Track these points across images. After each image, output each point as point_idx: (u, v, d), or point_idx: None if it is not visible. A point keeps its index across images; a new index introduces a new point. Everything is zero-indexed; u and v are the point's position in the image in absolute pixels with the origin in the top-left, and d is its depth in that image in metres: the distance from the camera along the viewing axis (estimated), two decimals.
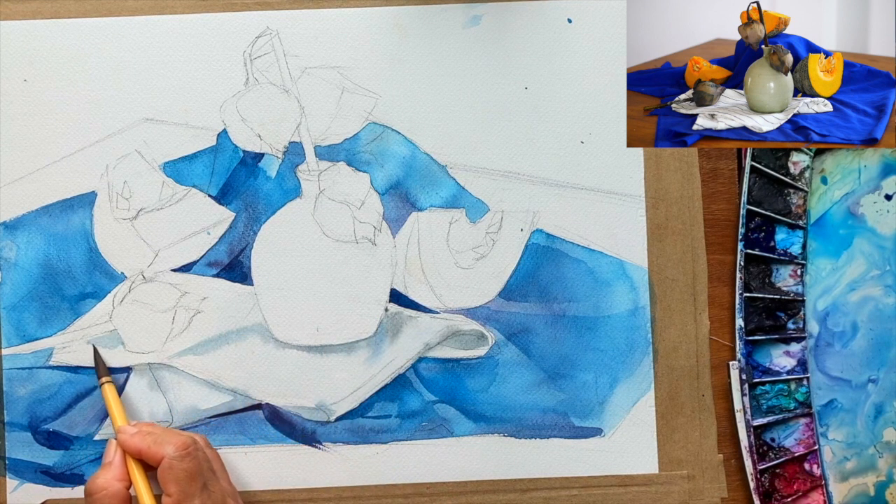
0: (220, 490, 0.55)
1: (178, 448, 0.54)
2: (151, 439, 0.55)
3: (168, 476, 0.53)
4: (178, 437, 0.55)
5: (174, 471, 0.53)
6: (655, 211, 0.61)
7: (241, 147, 0.61)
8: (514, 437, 0.61)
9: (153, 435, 0.55)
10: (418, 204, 0.61)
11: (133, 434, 0.56)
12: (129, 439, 0.55)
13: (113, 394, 0.59)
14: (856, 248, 0.63)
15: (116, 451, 0.56)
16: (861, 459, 0.62)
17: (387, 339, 0.61)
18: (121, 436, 0.56)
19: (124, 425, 0.57)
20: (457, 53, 0.61)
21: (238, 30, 0.61)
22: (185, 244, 0.61)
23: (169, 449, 0.54)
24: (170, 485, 0.53)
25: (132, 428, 0.56)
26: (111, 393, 0.59)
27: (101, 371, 0.59)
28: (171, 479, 0.53)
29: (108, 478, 0.54)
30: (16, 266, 0.60)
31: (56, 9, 0.61)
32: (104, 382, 0.59)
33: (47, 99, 0.60)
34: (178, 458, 0.54)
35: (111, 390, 0.59)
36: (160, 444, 0.54)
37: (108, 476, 0.55)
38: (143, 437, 0.55)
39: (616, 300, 0.61)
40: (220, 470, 0.57)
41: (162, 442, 0.54)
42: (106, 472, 0.55)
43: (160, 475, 0.54)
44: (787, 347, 0.62)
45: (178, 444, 0.54)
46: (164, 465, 0.53)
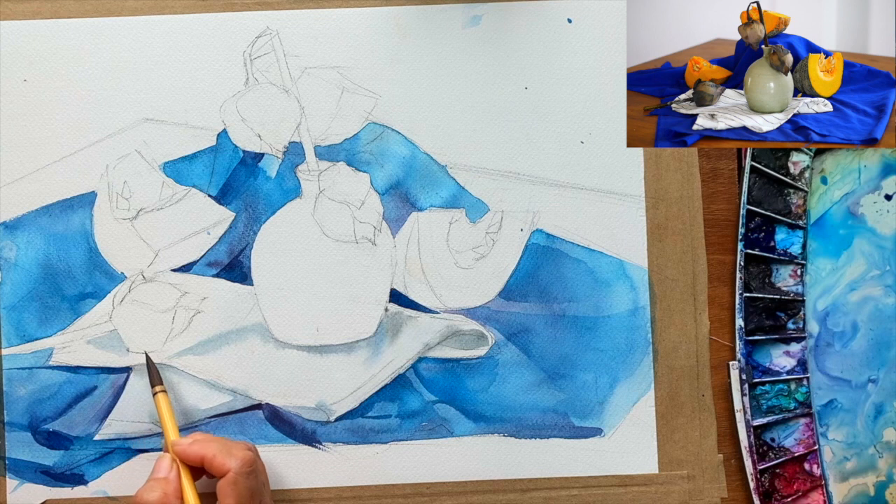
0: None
1: (244, 464, 0.53)
2: (216, 448, 0.53)
3: (231, 491, 0.52)
4: (243, 451, 0.54)
5: (238, 487, 0.52)
6: (655, 211, 0.61)
7: (241, 147, 0.61)
8: (514, 437, 0.61)
9: (217, 443, 0.54)
10: (418, 204, 0.61)
11: (191, 444, 0.54)
12: (189, 448, 0.54)
13: (167, 404, 0.57)
14: (856, 248, 0.63)
15: (173, 468, 0.54)
16: (861, 459, 0.62)
17: (387, 339, 0.61)
18: (177, 447, 0.54)
19: (177, 438, 0.56)
20: (457, 53, 0.61)
21: (238, 30, 0.61)
22: (185, 244, 0.61)
23: (235, 463, 0.53)
24: (230, 499, 0.52)
25: (186, 439, 0.55)
26: (165, 403, 0.57)
27: (155, 379, 0.58)
28: (234, 495, 0.52)
29: (168, 492, 0.52)
30: (16, 266, 0.60)
31: (56, 9, 0.61)
32: (158, 392, 0.58)
33: (47, 99, 0.60)
34: (244, 474, 0.53)
35: (165, 400, 0.57)
36: (227, 456, 0.53)
37: (168, 490, 0.53)
38: (206, 445, 0.54)
39: (616, 300, 0.61)
40: (267, 484, 0.57)
41: (228, 453, 0.53)
42: (163, 486, 0.53)
43: (222, 488, 0.52)
44: (787, 347, 0.62)
45: (245, 460, 0.53)
46: (229, 478, 0.52)
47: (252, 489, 0.53)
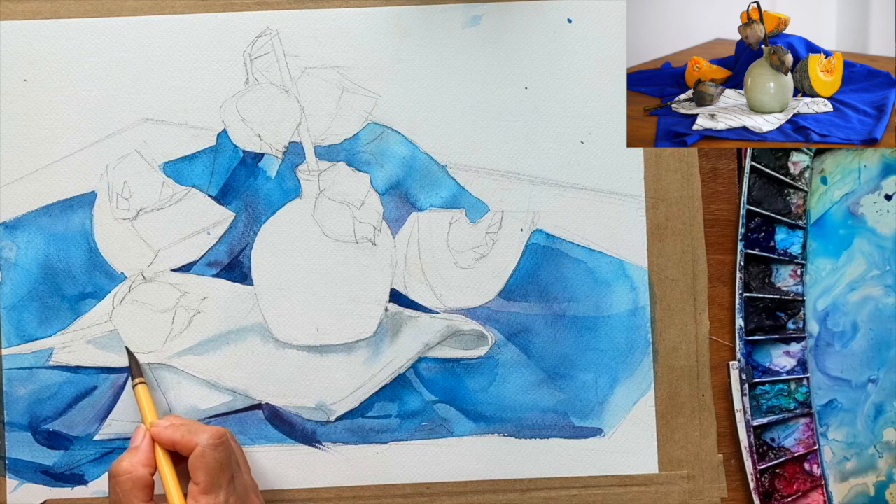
0: (243, 484, 0.55)
1: (211, 437, 0.54)
2: (185, 429, 0.55)
3: (199, 464, 0.53)
4: (211, 428, 0.55)
5: (206, 459, 0.53)
6: (655, 211, 0.61)
7: (241, 147, 0.61)
8: (514, 437, 0.61)
9: (186, 425, 0.55)
10: (418, 204, 0.61)
11: (166, 426, 0.55)
12: (163, 431, 0.55)
13: (146, 394, 0.58)
14: (856, 248, 0.63)
15: (145, 437, 0.56)
16: (861, 459, 0.62)
17: (387, 339, 0.61)
18: (154, 429, 0.56)
19: (156, 419, 0.57)
20: (457, 53, 0.61)
21: (238, 30, 0.61)
22: (185, 244, 0.61)
23: (203, 437, 0.54)
24: (199, 473, 0.53)
25: (164, 421, 0.56)
26: (144, 393, 0.58)
27: (136, 372, 0.59)
28: (202, 468, 0.53)
29: (134, 462, 0.54)
30: (16, 266, 0.60)
31: (56, 9, 0.61)
32: (138, 384, 0.59)
33: (47, 99, 0.60)
34: (210, 446, 0.53)
35: (144, 391, 0.59)
36: (193, 433, 0.54)
37: (134, 460, 0.54)
38: (176, 428, 0.55)
39: (616, 300, 0.61)
40: (244, 464, 0.57)
41: (196, 431, 0.54)
42: (132, 456, 0.55)
43: (192, 463, 0.53)
44: (787, 347, 0.62)
45: (212, 434, 0.54)
46: (197, 452, 0.53)
47: (221, 462, 0.53)
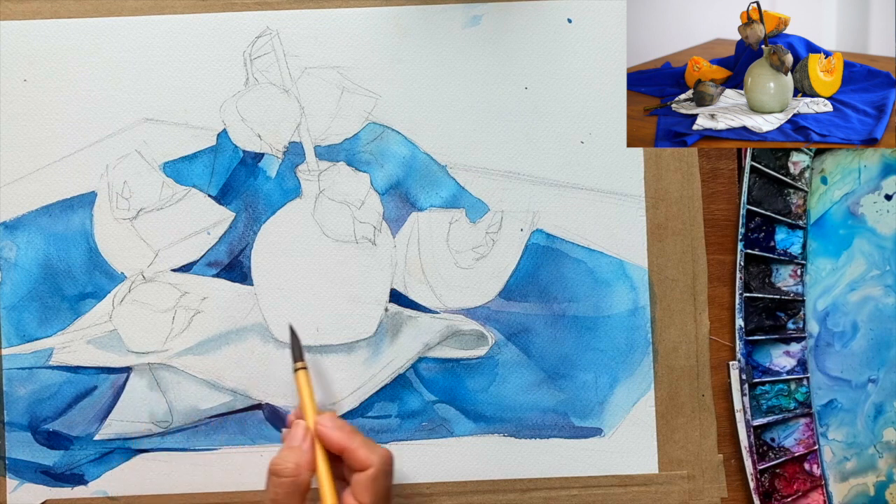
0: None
1: (385, 461, 0.51)
2: (360, 441, 0.52)
3: (370, 487, 0.50)
4: (383, 449, 0.52)
5: (378, 483, 0.51)
6: (655, 211, 0.61)
7: (241, 147, 0.61)
8: (514, 437, 0.61)
9: (361, 436, 0.52)
10: (418, 204, 0.61)
11: (334, 430, 0.52)
12: (331, 433, 0.52)
13: (307, 381, 0.55)
14: (856, 248, 0.63)
15: (307, 437, 0.52)
16: (861, 459, 0.62)
17: (387, 339, 0.61)
18: (321, 428, 0.52)
19: (321, 416, 0.53)
20: (457, 53, 0.61)
21: (238, 30, 0.61)
22: (185, 244, 0.61)
23: (377, 459, 0.51)
24: (367, 495, 0.50)
25: (328, 420, 0.53)
26: (305, 380, 0.55)
27: (297, 355, 0.56)
28: (372, 490, 0.50)
29: (301, 463, 0.51)
30: (16, 266, 0.60)
31: (56, 9, 0.61)
32: (299, 368, 0.55)
33: (47, 99, 0.60)
34: (384, 472, 0.51)
35: (305, 377, 0.55)
36: (369, 449, 0.51)
37: (301, 461, 0.51)
38: (351, 435, 0.52)
39: (616, 300, 0.61)
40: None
41: (371, 447, 0.51)
42: (297, 456, 0.51)
43: (361, 482, 0.51)
44: (787, 347, 0.62)
45: (386, 458, 0.51)
46: (370, 474, 0.51)
47: (388, 489, 0.51)
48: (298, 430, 0.53)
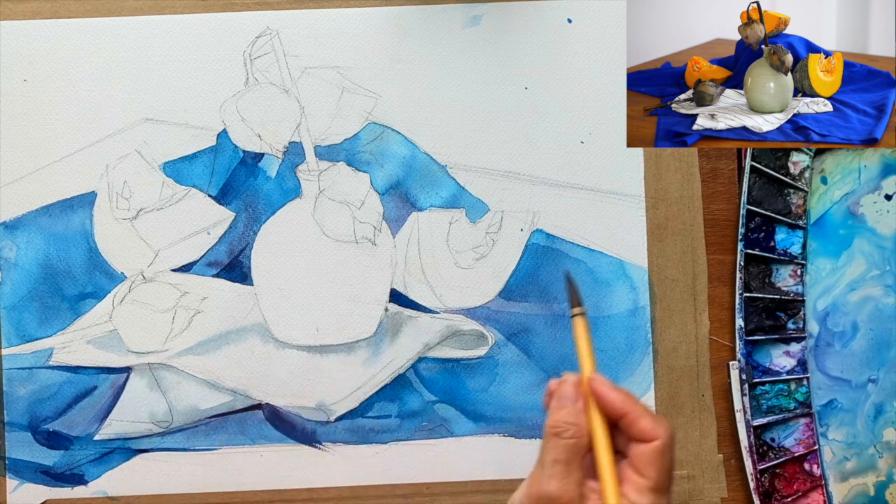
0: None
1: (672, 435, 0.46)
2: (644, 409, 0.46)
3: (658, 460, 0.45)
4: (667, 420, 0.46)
5: (665, 458, 0.45)
6: (655, 211, 0.61)
7: (241, 147, 0.61)
8: (514, 437, 0.61)
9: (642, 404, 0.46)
10: (418, 204, 0.61)
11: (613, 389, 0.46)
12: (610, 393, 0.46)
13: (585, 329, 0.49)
14: (856, 248, 0.63)
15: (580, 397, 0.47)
16: (861, 459, 0.62)
17: (387, 339, 0.61)
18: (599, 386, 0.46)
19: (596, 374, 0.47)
20: (457, 53, 0.61)
21: (238, 30, 0.61)
22: (185, 244, 0.61)
23: (663, 431, 0.45)
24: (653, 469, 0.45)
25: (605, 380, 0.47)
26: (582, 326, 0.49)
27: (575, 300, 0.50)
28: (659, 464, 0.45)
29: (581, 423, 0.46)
30: (16, 266, 0.60)
31: (56, 9, 0.61)
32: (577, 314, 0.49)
33: (47, 99, 0.60)
34: (671, 446, 0.45)
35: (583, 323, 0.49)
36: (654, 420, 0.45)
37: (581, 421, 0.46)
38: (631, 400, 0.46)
39: (616, 300, 0.61)
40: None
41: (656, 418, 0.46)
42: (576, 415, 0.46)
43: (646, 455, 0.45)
44: (787, 347, 0.62)
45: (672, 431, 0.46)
46: (658, 446, 0.45)
47: (673, 464, 0.46)
48: (569, 387, 0.47)
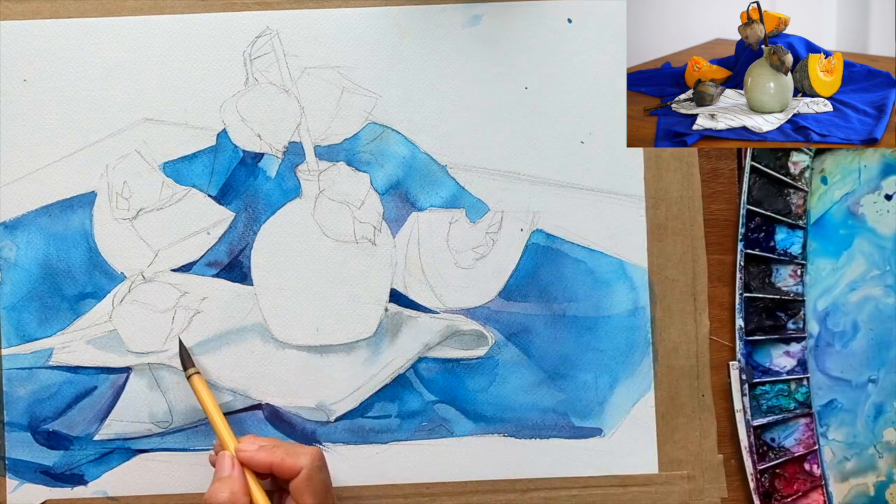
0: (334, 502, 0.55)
1: (314, 458, 0.53)
2: (283, 452, 0.54)
3: (307, 488, 0.52)
4: (309, 448, 0.54)
5: (313, 482, 0.53)
6: (655, 211, 0.61)
7: (240, 147, 0.61)
8: (514, 437, 0.61)
9: (282, 447, 0.54)
10: (418, 204, 0.61)
11: (257, 450, 0.54)
12: (255, 455, 0.54)
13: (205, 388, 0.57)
14: (856, 248, 0.63)
15: (235, 466, 0.54)
16: (861, 459, 0.62)
17: (387, 339, 0.61)
18: (243, 454, 0.54)
19: (241, 443, 0.55)
20: (457, 53, 0.61)
21: (238, 30, 0.61)
22: (184, 244, 0.61)
23: (305, 460, 0.53)
24: (307, 496, 0.52)
25: (251, 444, 0.55)
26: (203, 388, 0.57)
27: (187, 362, 0.58)
28: (311, 491, 0.52)
29: (235, 490, 0.52)
30: (16, 266, 0.60)
31: (56, 9, 0.61)
32: (192, 374, 0.57)
33: (47, 99, 0.60)
34: (316, 469, 0.53)
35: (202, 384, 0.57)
36: (295, 456, 0.53)
37: (234, 489, 0.53)
38: (272, 451, 0.54)
39: (616, 300, 0.61)
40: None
41: (295, 453, 0.53)
42: (230, 485, 0.53)
43: (297, 487, 0.53)
44: (787, 347, 0.62)
45: (314, 455, 0.53)
46: (304, 476, 0.53)
47: (325, 483, 0.53)
48: (225, 460, 0.54)
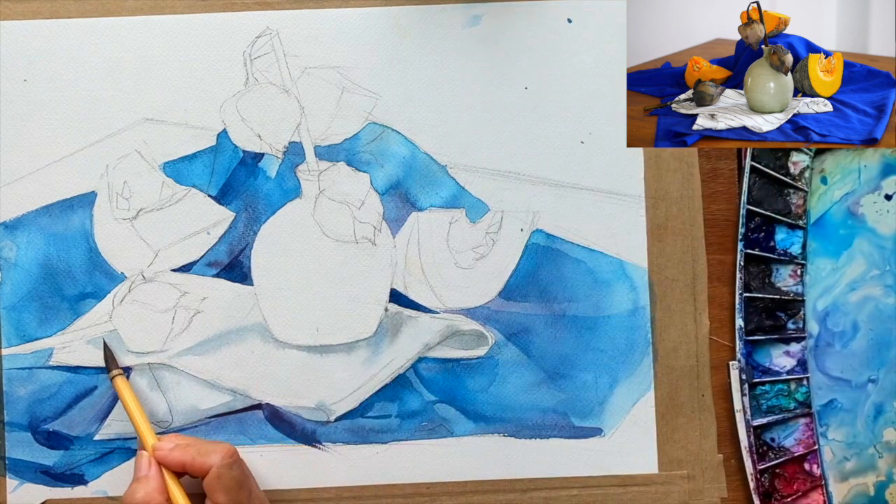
0: (258, 498, 0.55)
1: (224, 456, 0.54)
2: (194, 451, 0.54)
3: (217, 485, 0.53)
4: (221, 446, 0.55)
5: (223, 480, 0.53)
6: (655, 211, 0.61)
7: (241, 147, 0.61)
8: (514, 437, 0.61)
9: (194, 446, 0.55)
10: (418, 204, 0.61)
11: (172, 448, 0.55)
12: (170, 454, 0.55)
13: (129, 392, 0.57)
14: (856, 248, 0.63)
15: (152, 465, 0.55)
16: (861, 459, 0.62)
17: (387, 339, 0.61)
18: (158, 452, 0.55)
19: (158, 442, 0.56)
20: (457, 53, 0.61)
21: (238, 30, 0.61)
22: (185, 244, 0.61)
23: (216, 458, 0.53)
24: (219, 494, 0.53)
25: (167, 443, 0.55)
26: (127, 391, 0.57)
27: (111, 364, 0.59)
28: (221, 489, 0.53)
29: (150, 491, 0.53)
30: (16, 266, 0.60)
31: (56, 9, 0.61)
32: (116, 375, 0.58)
33: (47, 99, 0.60)
34: (226, 466, 0.53)
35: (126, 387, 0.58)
36: (205, 455, 0.54)
37: (149, 489, 0.54)
38: (185, 449, 0.54)
39: (616, 300, 0.61)
40: (252, 477, 0.57)
41: (207, 452, 0.54)
42: (145, 486, 0.54)
43: (209, 485, 0.53)
44: (787, 347, 0.62)
45: (225, 453, 0.54)
46: (213, 474, 0.53)
47: (238, 480, 0.54)
48: (142, 460, 0.55)
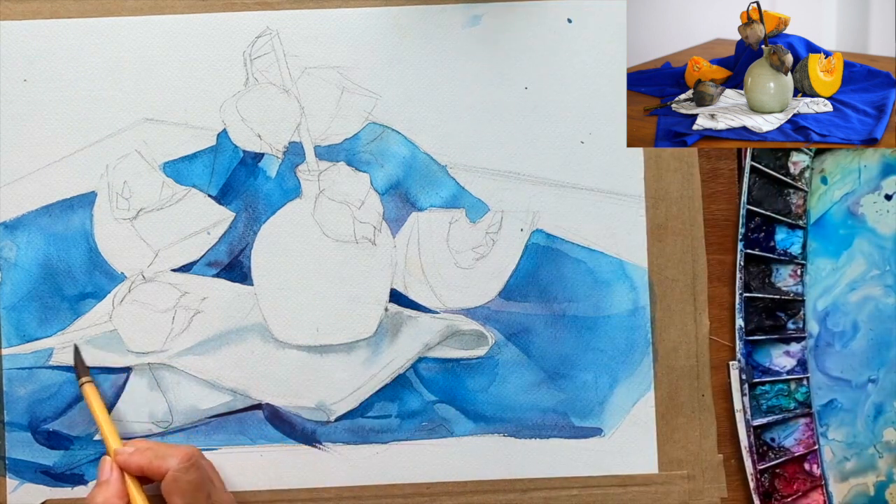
0: (220, 500, 0.55)
1: (181, 460, 0.54)
2: (152, 454, 0.54)
3: (174, 489, 0.53)
4: (179, 450, 0.55)
5: (179, 483, 0.53)
6: (655, 211, 0.61)
7: (241, 147, 0.61)
8: (514, 437, 0.61)
9: (152, 450, 0.55)
10: (418, 204, 0.61)
11: (132, 453, 0.55)
12: (129, 458, 0.55)
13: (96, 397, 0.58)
14: (856, 248, 0.63)
15: (113, 469, 0.55)
16: (861, 459, 0.62)
17: (387, 339, 0.61)
18: (119, 457, 0.55)
19: (120, 447, 0.56)
20: (457, 53, 0.61)
21: (238, 30, 0.61)
22: (185, 244, 0.61)
23: (172, 462, 0.54)
24: (175, 497, 0.53)
25: (129, 448, 0.56)
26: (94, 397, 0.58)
27: (81, 371, 0.59)
28: (177, 492, 0.53)
29: (108, 496, 0.54)
30: (16, 266, 0.60)
31: (55, 9, 0.61)
32: (85, 383, 0.58)
33: (47, 99, 0.60)
34: (182, 469, 0.53)
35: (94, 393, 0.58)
36: (162, 458, 0.54)
37: (108, 494, 0.54)
38: (143, 453, 0.55)
39: (616, 300, 0.61)
40: (218, 479, 0.57)
41: (164, 455, 0.54)
42: (105, 490, 0.54)
43: (165, 488, 0.54)
44: (787, 347, 0.62)
45: (181, 456, 0.54)
46: (169, 478, 0.53)
47: (195, 483, 0.54)
48: (104, 464, 0.56)
